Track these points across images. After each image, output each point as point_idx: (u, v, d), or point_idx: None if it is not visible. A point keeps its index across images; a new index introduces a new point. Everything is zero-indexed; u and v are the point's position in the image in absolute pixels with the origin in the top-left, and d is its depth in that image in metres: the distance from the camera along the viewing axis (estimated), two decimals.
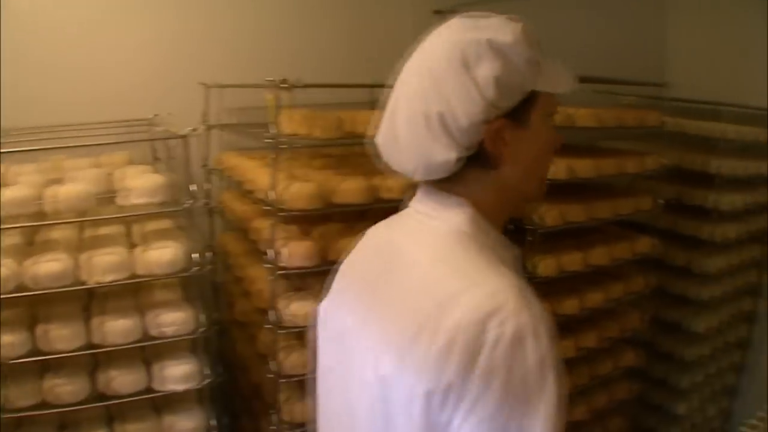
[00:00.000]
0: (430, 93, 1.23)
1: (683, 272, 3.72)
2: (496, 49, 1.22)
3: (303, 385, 2.65)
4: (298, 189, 2.44)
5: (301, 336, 2.64)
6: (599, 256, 3.18)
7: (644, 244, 3.39)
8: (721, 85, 3.84)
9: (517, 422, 1.08)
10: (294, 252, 2.45)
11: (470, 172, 1.28)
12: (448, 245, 1.26)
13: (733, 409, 4.34)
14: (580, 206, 3.08)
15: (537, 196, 1.39)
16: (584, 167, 3.04)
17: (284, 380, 2.55)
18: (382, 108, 1.35)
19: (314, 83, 2.49)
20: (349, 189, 2.51)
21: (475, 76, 1.21)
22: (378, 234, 1.46)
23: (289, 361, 2.54)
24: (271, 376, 2.55)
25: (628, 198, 3.34)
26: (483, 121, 1.21)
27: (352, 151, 3.16)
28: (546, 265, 2.92)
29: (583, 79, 3.55)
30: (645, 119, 3.40)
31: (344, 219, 2.74)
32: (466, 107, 1.20)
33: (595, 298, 3.22)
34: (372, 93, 3.37)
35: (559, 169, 2.92)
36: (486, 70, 1.20)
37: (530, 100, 1.27)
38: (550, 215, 2.92)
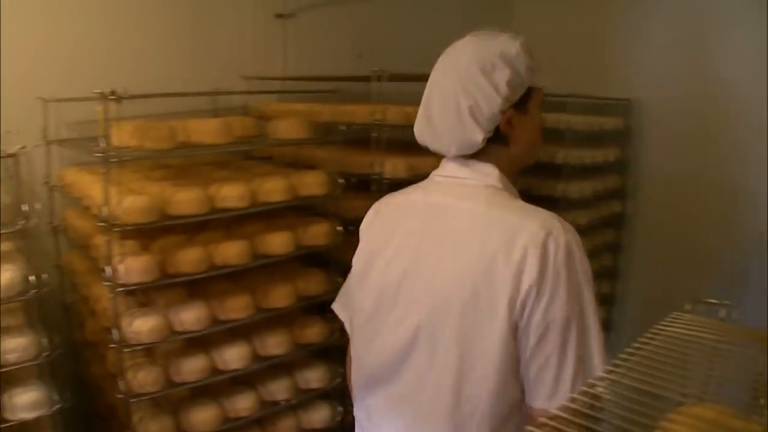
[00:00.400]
0: (460, 92, 1.71)
1: None
2: (506, 59, 1.72)
3: (157, 402, 2.63)
4: (130, 203, 2.39)
5: (150, 352, 2.62)
6: None
7: None
8: (566, 78, 3.94)
9: (578, 300, 1.60)
10: (131, 267, 2.41)
11: (489, 148, 1.75)
12: (492, 195, 1.73)
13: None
14: None
15: (531, 162, 1.91)
16: (427, 165, 3.08)
17: (135, 399, 2.50)
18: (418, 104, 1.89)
19: (145, 93, 2.46)
20: (185, 200, 2.48)
21: (493, 80, 1.70)
22: (409, 200, 1.91)
23: (138, 379, 2.50)
24: (121, 396, 2.49)
25: None
26: (500, 111, 1.71)
27: (194, 161, 3.13)
28: None
29: (424, 78, 3.60)
30: None
31: (185, 230, 2.72)
32: (488, 102, 1.70)
33: None
34: (215, 100, 3.37)
35: (400, 167, 2.97)
36: (501, 75, 1.70)
37: (528, 94, 1.77)
38: None
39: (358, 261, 1.98)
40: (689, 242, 4.23)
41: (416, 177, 3.06)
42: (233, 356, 2.65)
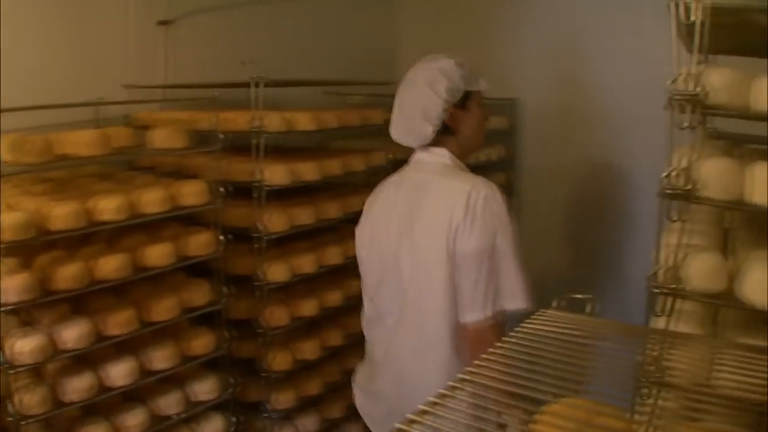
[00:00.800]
0: (415, 101, 2.40)
1: None
2: (443, 73, 2.37)
3: (49, 423, 2.57)
4: (3, 220, 2.33)
5: (38, 373, 2.56)
6: (333, 255, 3.34)
7: None
8: None
9: (491, 238, 2.24)
10: (8, 286, 2.35)
11: (441, 138, 2.42)
12: (444, 169, 2.42)
13: None
14: (309, 209, 3.17)
15: (478, 149, 2.65)
16: (308, 170, 3.14)
17: (24, 422, 2.44)
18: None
19: (20, 106, 2.42)
20: (61, 215, 2.44)
21: (435, 89, 2.36)
22: (392, 180, 2.56)
23: (26, 401, 2.44)
24: (11, 419, 2.43)
25: (357, 196, 3.47)
26: (443, 111, 2.37)
27: (75, 173, 3.08)
28: (276, 271, 3.01)
29: (310, 83, 3.61)
30: (370, 118, 3.56)
31: (67, 246, 2.67)
32: (433, 105, 2.36)
33: (334, 297, 3.37)
34: (97, 111, 3.30)
35: (281, 174, 2.99)
36: (441, 85, 2.35)
37: (467, 95, 2.43)
38: (276, 221, 2.99)
39: (361, 230, 2.62)
40: (575, 238, 4.37)
41: (297, 183, 3.10)
42: (120, 372, 2.62)
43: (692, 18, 1.61)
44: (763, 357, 1.48)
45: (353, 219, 3.53)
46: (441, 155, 2.44)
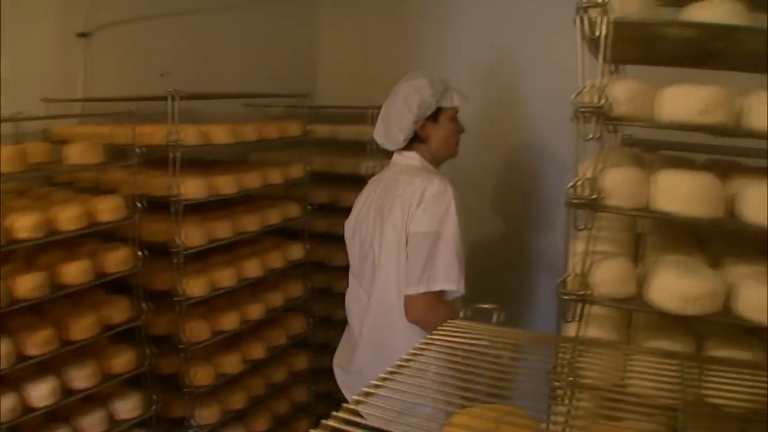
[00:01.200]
0: (392, 113, 2.88)
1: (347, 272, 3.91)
2: (416, 91, 2.82)
3: None
4: None
5: None
6: (252, 268, 3.40)
7: (297, 251, 3.64)
8: (369, 90, 4.06)
9: (434, 225, 2.65)
10: None
11: (413, 144, 2.92)
12: (412, 169, 2.87)
13: None
14: (227, 222, 3.24)
15: (449, 156, 3.02)
16: (225, 184, 3.19)
17: None
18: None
19: None
20: None
21: (408, 105, 2.81)
22: (375, 180, 3.03)
23: None
24: None
25: (275, 208, 3.51)
26: (414, 123, 2.84)
27: None
28: (195, 285, 3.08)
29: (228, 95, 3.62)
30: (287, 130, 3.62)
31: None
32: (405, 118, 2.83)
33: (254, 310, 3.42)
34: (17, 126, 3.26)
35: (198, 188, 3.09)
36: (413, 102, 2.81)
37: (438, 110, 2.88)
38: (194, 235, 3.05)
39: (348, 221, 3.05)
40: (495, 245, 4.45)
41: (214, 197, 3.14)
42: (42, 392, 2.62)
43: (597, 33, 1.69)
44: (670, 361, 1.57)
45: (272, 231, 3.60)
46: (412, 158, 2.94)
